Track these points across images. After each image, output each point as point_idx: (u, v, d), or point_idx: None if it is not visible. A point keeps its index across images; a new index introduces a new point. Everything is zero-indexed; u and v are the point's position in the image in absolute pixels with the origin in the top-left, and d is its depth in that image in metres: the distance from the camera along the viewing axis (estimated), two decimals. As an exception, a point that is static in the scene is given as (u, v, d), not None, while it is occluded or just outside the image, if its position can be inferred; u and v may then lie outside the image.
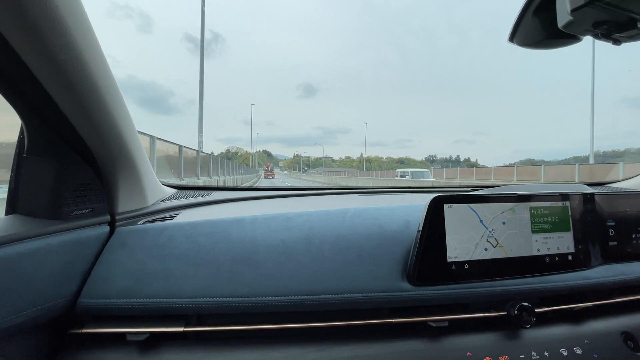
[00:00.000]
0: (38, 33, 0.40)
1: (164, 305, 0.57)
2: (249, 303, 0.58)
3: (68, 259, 0.56)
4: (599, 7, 0.39)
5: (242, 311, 0.58)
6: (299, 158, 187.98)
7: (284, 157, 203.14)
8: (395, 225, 0.71)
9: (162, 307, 0.57)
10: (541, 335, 0.61)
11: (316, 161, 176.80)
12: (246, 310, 0.58)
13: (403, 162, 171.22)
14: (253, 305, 0.58)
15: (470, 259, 0.62)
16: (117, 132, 0.60)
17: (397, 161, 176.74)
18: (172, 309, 0.57)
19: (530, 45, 0.55)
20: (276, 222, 0.72)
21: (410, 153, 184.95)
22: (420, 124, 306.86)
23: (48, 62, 0.44)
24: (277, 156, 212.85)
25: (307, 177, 60.58)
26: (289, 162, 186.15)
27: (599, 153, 79.78)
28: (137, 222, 0.72)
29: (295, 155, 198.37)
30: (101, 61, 0.51)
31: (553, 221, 0.68)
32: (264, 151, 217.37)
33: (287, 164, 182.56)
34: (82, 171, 0.61)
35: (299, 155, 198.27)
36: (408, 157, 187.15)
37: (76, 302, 0.56)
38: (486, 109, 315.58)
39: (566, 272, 0.67)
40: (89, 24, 0.48)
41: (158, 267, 0.61)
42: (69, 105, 0.51)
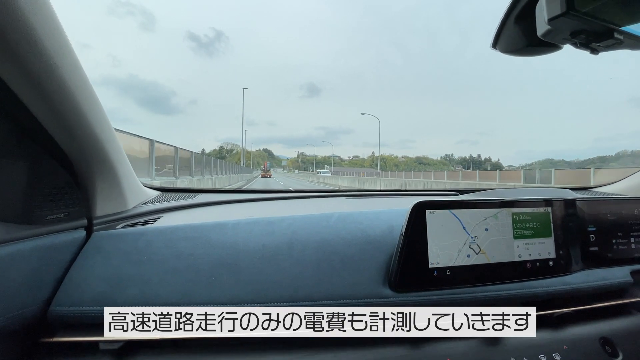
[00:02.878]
0: (3, 36, 0.38)
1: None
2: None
3: (41, 265, 0.54)
4: (576, 17, 0.39)
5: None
6: (304, 157, 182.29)
7: (285, 158, 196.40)
8: (379, 230, 0.71)
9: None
10: (520, 341, 0.61)
11: (323, 160, 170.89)
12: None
13: (422, 161, 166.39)
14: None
15: (452, 265, 0.62)
16: (91, 133, 0.58)
17: (415, 160, 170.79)
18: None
19: (512, 52, 0.56)
20: (258, 227, 0.71)
21: (410, 153, 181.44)
22: (423, 124, 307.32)
23: (15, 65, 0.42)
24: (278, 156, 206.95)
25: (331, 180, 36.00)
26: (293, 162, 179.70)
27: (627, 152, 78.30)
28: (115, 227, 0.71)
29: (299, 154, 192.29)
30: (72, 62, 0.50)
31: (535, 227, 0.68)
32: (265, 150, 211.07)
33: (291, 163, 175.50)
34: (57, 174, 0.59)
35: (303, 154, 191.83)
36: (426, 157, 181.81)
37: (48, 310, 0.55)
38: (490, 109, 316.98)
39: (547, 278, 0.68)
40: (58, 25, 0.46)
41: (135, 273, 0.59)
42: (39, 108, 0.49)
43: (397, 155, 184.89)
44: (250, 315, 0.57)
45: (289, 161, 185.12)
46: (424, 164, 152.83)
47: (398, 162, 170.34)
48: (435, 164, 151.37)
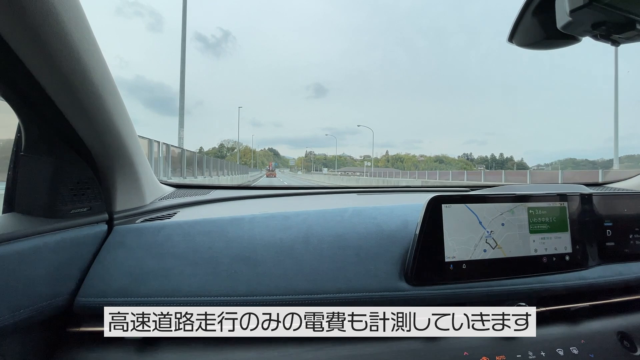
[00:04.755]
0: (36, 33, 0.40)
1: (161, 305, 0.57)
2: (248, 302, 0.58)
3: (66, 258, 0.56)
4: (598, 8, 0.39)
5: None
6: (313, 156, 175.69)
7: (291, 158, 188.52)
8: (394, 225, 0.71)
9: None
10: (538, 335, 0.61)
11: (333, 159, 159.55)
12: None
13: (442, 160, 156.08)
14: (252, 304, 0.58)
15: (468, 259, 0.62)
16: (115, 130, 0.59)
17: (434, 159, 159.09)
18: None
19: (529, 45, 0.55)
20: (275, 221, 0.72)
21: (416, 153, 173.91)
22: (430, 124, 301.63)
23: (46, 62, 0.43)
24: (284, 156, 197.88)
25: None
26: (301, 161, 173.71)
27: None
28: (135, 221, 0.72)
29: (307, 153, 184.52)
30: (99, 60, 0.51)
31: (551, 222, 0.68)
32: (270, 149, 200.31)
33: (300, 163, 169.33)
34: (80, 169, 0.61)
35: (312, 153, 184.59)
36: (445, 155, 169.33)
37: (74, 301, 0.56)
38: (498, 109, 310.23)
39: (563, 273, 0.67)
40: (87, 24, 0.48)
41: (156, 266, 0.61)
42: (66, 104, 0.51)
43: (415, 154, 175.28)
44: (250, 315, 0.57)
45: (297, 160, 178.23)
46: (444, 163, 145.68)
47: (416, 161, 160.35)
48: (456, 163, 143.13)
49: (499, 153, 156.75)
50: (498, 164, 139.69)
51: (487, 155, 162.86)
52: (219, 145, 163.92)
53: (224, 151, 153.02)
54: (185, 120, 11.41)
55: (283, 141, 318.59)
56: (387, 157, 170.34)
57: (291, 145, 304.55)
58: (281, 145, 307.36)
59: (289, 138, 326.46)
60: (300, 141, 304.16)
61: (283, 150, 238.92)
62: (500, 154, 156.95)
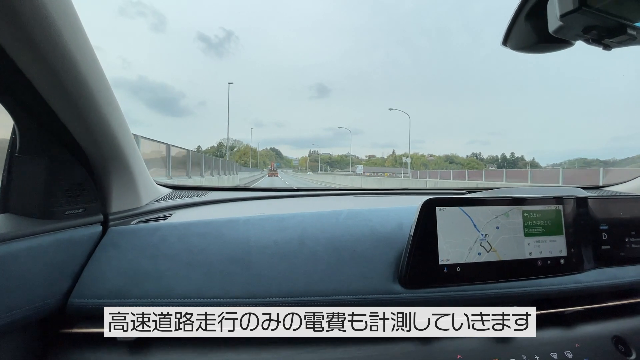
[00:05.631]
0: (30, 36, 0.40)
1: (155, 306, 0.57)
2: (242, 304, 0.58)
3: (60, 259, 0.56)
4: (588, 12, 0.39)
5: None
6: (317, 155, 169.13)
7: (293, 158, 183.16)
8: (389, 227, 0.71)
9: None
10: (532, 339, 0.61)
11: (340, 159, 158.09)
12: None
13: (452, 160, 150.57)
14: (246, 305, 0.58)
15: (462, 262, 0.62)
16: (110, 132, 0.60)
17: (444, 159, 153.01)
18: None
19: (523, 49, 0.56)
20: (270, 223, 0.72)
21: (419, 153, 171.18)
22: (432, 124, 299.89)
23: (40, 65, 0.44)
24: (287, 156, 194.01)
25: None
26: (305, 160, 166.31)
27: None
28: (130, 222, 0.72)
29: (311, 153, 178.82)
30: (92, 61, 0.51)
31: (546, 225, 0.68)
32: (272, 149, 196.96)
33: (304, 163, 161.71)
34: (75, 171, 0.61)
35: (316, 152, 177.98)
36: (455, 154, 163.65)
37: (67, 302, 0.56)
38: (501, 109, 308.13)
39: (558, 276, 0.67)
40: (81, 26, 0.48)
41: (150, 268, 0.61)
42: (60, 105, 0.51)
43: (424, 154, 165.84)
44: (250, 315, 0.57)
45: (301, 160, 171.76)
46: (455, 163, 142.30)
47: (426, 160, 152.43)
48: (467, 163, 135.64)
49: (509, 152, 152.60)
50: (509, 163, 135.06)
51: (497, 155, 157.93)
52: (217, 144, 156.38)
53: (224, 150, 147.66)
54: (187, 120, 11.36)
55: (285, 141, 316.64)
56: (394, 156, 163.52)
57: (293, 146, 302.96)
58: (283, 145, 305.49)
59: (291, 138, 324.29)
60: (302, 141, 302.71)
61: (285, 150, 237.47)
62: (511, 153, 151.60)
